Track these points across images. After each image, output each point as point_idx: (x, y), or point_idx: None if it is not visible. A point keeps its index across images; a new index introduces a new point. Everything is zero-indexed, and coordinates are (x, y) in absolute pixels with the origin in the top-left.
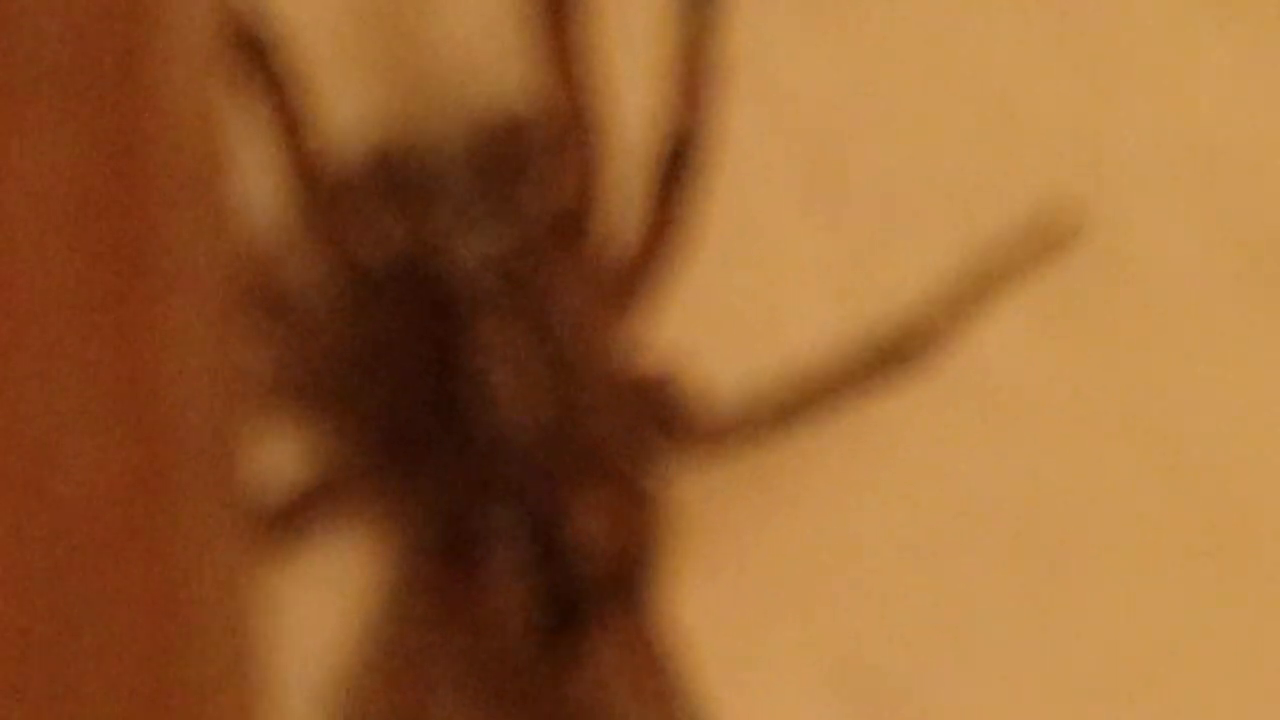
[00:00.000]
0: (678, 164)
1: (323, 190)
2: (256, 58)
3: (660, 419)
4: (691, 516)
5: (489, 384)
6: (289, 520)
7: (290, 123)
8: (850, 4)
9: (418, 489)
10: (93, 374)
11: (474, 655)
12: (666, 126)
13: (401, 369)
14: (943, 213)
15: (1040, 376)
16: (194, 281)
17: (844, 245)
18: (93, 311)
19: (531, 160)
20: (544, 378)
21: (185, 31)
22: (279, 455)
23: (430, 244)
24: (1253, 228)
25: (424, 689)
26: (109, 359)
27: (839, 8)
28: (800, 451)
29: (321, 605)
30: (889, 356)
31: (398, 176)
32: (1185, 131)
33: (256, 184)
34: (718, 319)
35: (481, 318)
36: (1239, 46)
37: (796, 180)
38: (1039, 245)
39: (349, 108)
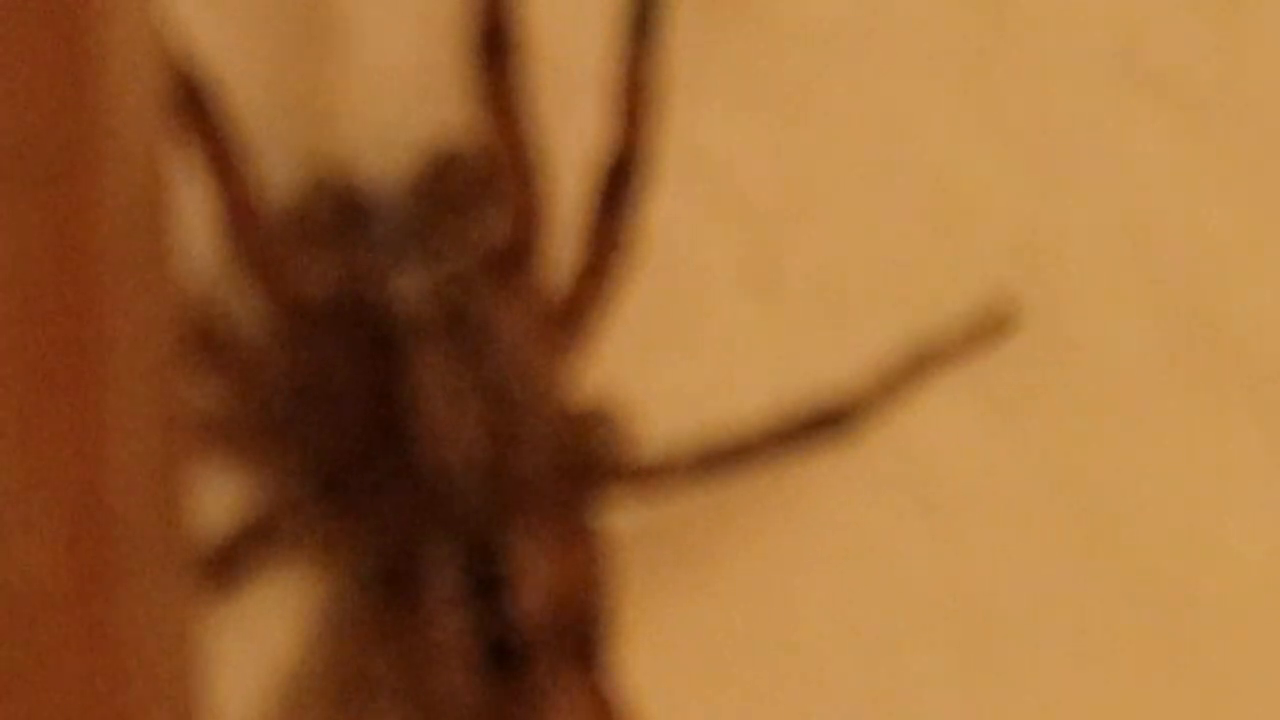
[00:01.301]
0: (616, 185)
1: (261, 228)
2: (192, 100)
3: (592, 454)
4: (634, 595)
5: (425, 417)
6: (232, 558)
7: (227, 163)
8: (791, 90)
9: (360, 521)
10: (36, 451)
11: (415, 687)
12: (606, 149)
13: (342, 403)
14: (879, 298)
15: (979, 460)
16: (136, 350)
17: (780, 329)
18: (36, 391)
19: (470, 194)
20: (480, 411)
21: (130, 98)
22: (222, 494)
23: (369, 278)
24: (1188, 315)
25: None
26: (52, 435)
27: (781, 93)
28: (743, 534)
29: (265, 639)
30: (817, 419)
31: (336, 211)
32: (1122, 220)
33: (195, 224)
34: (653, 399)
35: (419, 351)
36: (1174, 138)
37: (734, 263)
38: (976, 330)
39: (285, 144)
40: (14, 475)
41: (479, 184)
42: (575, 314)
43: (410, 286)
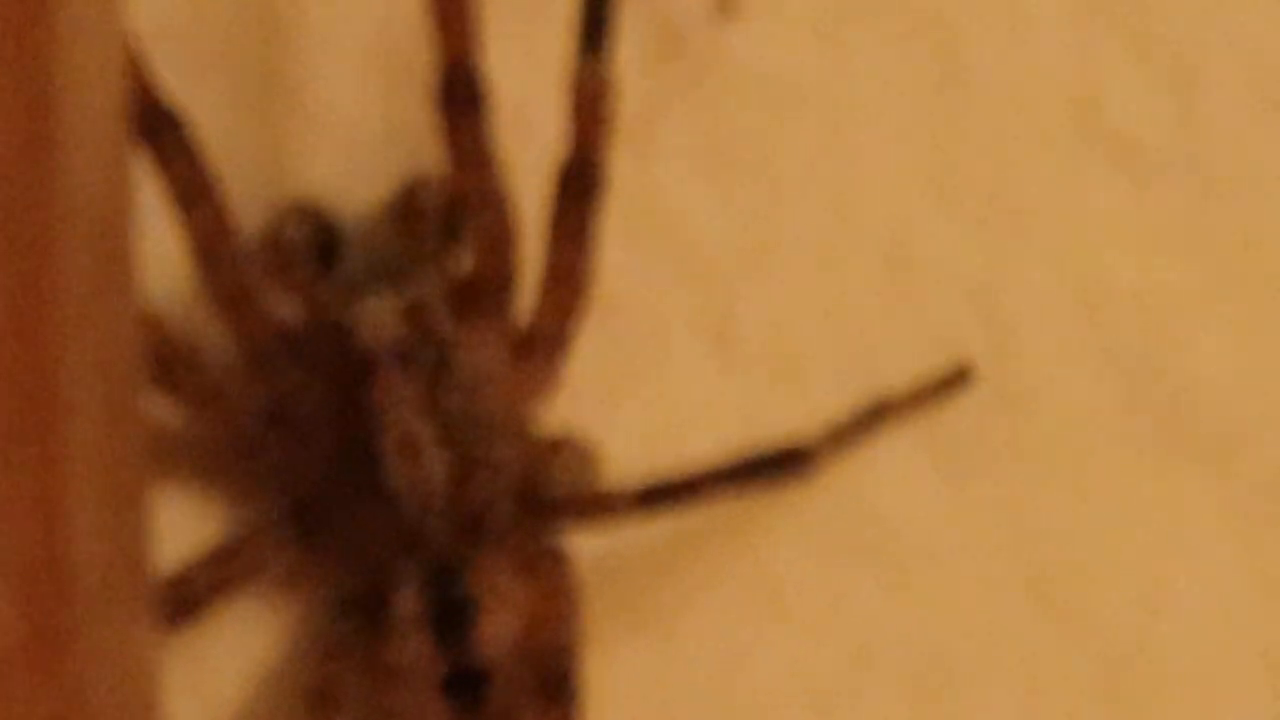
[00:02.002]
0: (572, 194)
1: (230, 255)
2: (161, 130)
3: (555, 482)
4: (590, 641)
5: (389, 440)
6: (200, 582)
7: (197, 191)
8: (746, 145)
9: (327, 545)
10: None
11: (378, 710)
12: (563, 154)
13: (310, 427)
14: (833, 352)
15: (930, 514)
16: (94, 396)
17: (735, 382)
18: None
19: (439, 223)
20: (444, 435)
21: (93, 125)
22: (189, 519)
23: (336, 304)
24: (1139, 374)
25: None
26: (7, 490)
27: (736, 149)
28: (699, 581)
29: (230, 662)
30: (773, 459)
31: (304, 238)
32: (1074, 279)
33: (163, 252)
34: (609, 448)
35: (383, 376)
36: (1127, 199)
37: (689, 317)
38: (929, 386)
39: (250, 176)
40: None
41: (448, 213)
42: (541, 341)
43: (376, 312)
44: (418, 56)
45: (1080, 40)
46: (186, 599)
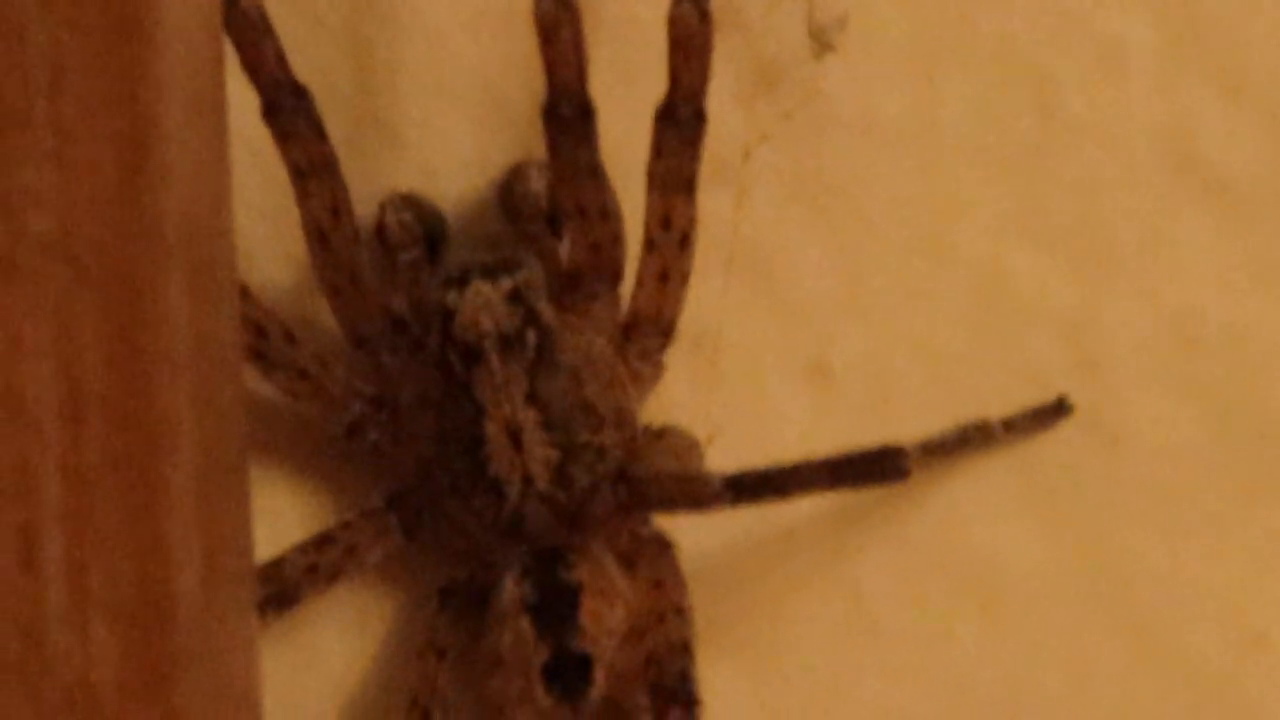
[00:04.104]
0: (669, 128)
1: (345, 233)
2: (285, 104)
3: (658, 469)
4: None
5: (492, 425)
6: (302, 570)
7: (317, 166)
8: (841, 183)
9: (433, 529)
10: (93, 542)
11: (484, 697)
12: (666, 88)
13: (415, 411)
14: (927, 388)
15: (1026, 549)
16: (197, 422)
17: (831, 421)
18: (95, 481)
19: (545, 206)
20: (547, 420)
21: (189, 146)
22: (292, 506)
23: (441, 289)
24: (1232, 408)
25: None
26: (110, 523)
27: (831, 187)
28: (793, 621)
29: (332, 651)
30: (873, 455)
31: (412, 224)
32: (1167, 314)
33: (273, 233)
34: None
35: (487, 360)
36: (1219, 233)
37: (786, 358)
38: (1026, 417)
39: (357, 163)
40: (67, 568)
41: (552, 197)
42: (643, 329)
43: (480, 297)
44: (513, 87)
45: (1172, 76)
46: (282, 587)
